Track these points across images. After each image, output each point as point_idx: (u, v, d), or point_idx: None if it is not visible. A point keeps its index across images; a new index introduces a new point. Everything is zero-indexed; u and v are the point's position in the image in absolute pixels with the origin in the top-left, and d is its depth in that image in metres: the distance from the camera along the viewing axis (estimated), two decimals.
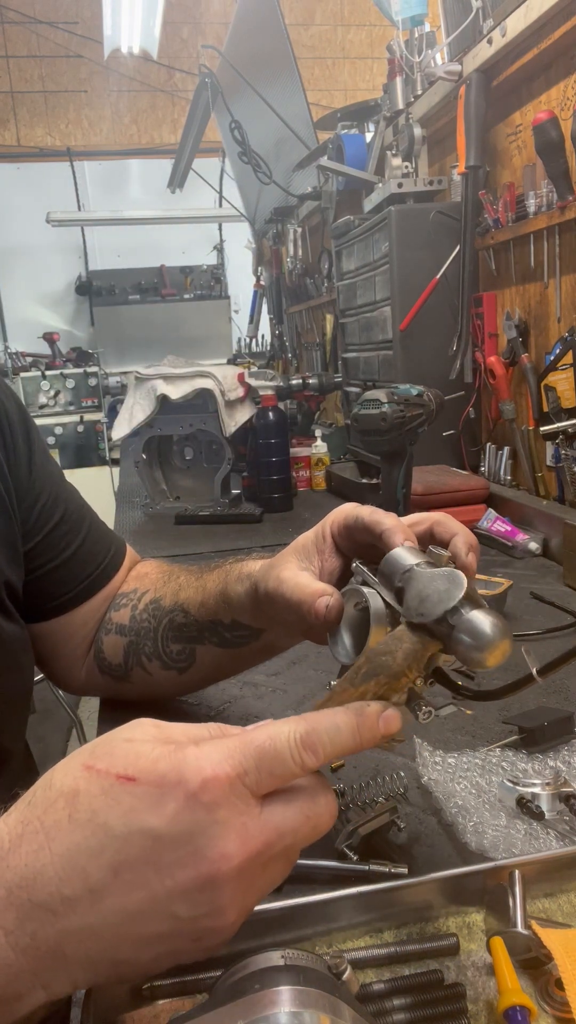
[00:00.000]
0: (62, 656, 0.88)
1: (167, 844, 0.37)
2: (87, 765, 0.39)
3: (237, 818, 0.38)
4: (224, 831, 0.37)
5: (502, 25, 1.54)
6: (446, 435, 1.91)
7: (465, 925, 0.53)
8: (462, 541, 0.57)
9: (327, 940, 0.51)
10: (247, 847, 0.38)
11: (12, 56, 6.34)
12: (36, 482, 0.82)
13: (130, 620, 0.85)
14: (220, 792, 0.37)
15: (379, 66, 5.07)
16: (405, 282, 1.87)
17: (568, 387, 1.49)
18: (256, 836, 0.38)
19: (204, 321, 6.42)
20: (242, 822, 0.38)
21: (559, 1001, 0.46)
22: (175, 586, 0.84)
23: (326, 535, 0.64)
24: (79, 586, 0.85)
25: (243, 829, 0.38)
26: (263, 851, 0.38)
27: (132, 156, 6.69)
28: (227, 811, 0.37)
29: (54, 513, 0.83)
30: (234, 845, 0.37)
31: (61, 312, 6.64)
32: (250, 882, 0.39)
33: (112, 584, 0.89)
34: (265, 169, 2.97)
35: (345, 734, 0.42)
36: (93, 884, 0.36)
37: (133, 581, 0.90)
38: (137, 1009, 0.47)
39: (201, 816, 0.37)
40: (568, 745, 0.79)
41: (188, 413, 2.04)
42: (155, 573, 0.90)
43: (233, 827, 0.37)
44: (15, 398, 0.84)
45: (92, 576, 0.86)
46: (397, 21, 1.93)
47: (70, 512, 0.86)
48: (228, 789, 0.37)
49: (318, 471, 2.28)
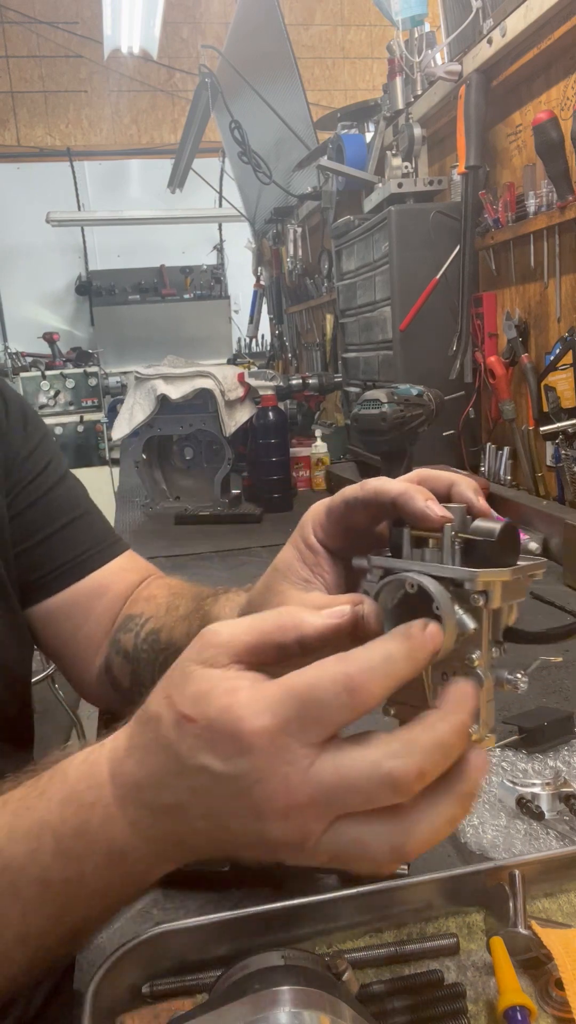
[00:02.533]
0: (71, 654, 0.87)
1: (221, 780, 0.40)
2: (167, 693, 0.42)
3: (279, 768, 0.39)
4: (265, 777, 0.39)
5: (502, 25, 1.54)
6: (446, 435, 1.91)
7: (465, 925, 0.53)
8: (465, 486, 0.49)
9: (327, 940, 0.51)
10: (290, 797, 0.39)
11: (12, 56, 6.34)
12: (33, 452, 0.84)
13: (132, 648, 0.82)
14: (258, 743, 0.39)
15: (379, 66, 5.06)
16: (405, 282, 1.87)
17: (568, 387, 1.49)
18: (299, 788, 0.39)
19: (204, 321, 6.42)
20: (284, 772, 0.39)
21: (559, 1001, 0.46)
22: (174, 618, 0.80)
23: (311, 544, 0.53)
24: (72, 560, 0.84)
25: (285, 779, 0.39)
26: (308, 804, 0.39)
27: (132, 156, 6.69)
28: (266, 761, 0.39)
29: (47, 482, 0.84)
30: (276, 792, 0.39)
31: (61, 312, 6.64)
32: (306, 831, 0.39)
33: (110, 572, 0.87)
34: (265, 169, 2.97)
35: (400, 661, 0.40)
36: (180, 799, 0.41)
37: (141, 603, 0.87)
38: (137, 1009, 0.47)
39: (242, 763, 0.39)
40: (568, 745, 0.79)
41: (188, 413, 2.04)
42: (162, 597, 0.86)
43: (275, 776, 0.39)
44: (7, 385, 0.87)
45: (87, 552, 0.85)
46: (397, 21, 1.93)
47: (66, 489, 0.86)
48: (267, 741, 0.39)
49: (318, 471, 2.28)
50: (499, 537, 0.44)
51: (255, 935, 0.49)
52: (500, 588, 0.43)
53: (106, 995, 0.45)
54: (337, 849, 0.40)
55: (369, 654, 0.39)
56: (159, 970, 0.48)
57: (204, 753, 0.40)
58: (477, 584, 0.42)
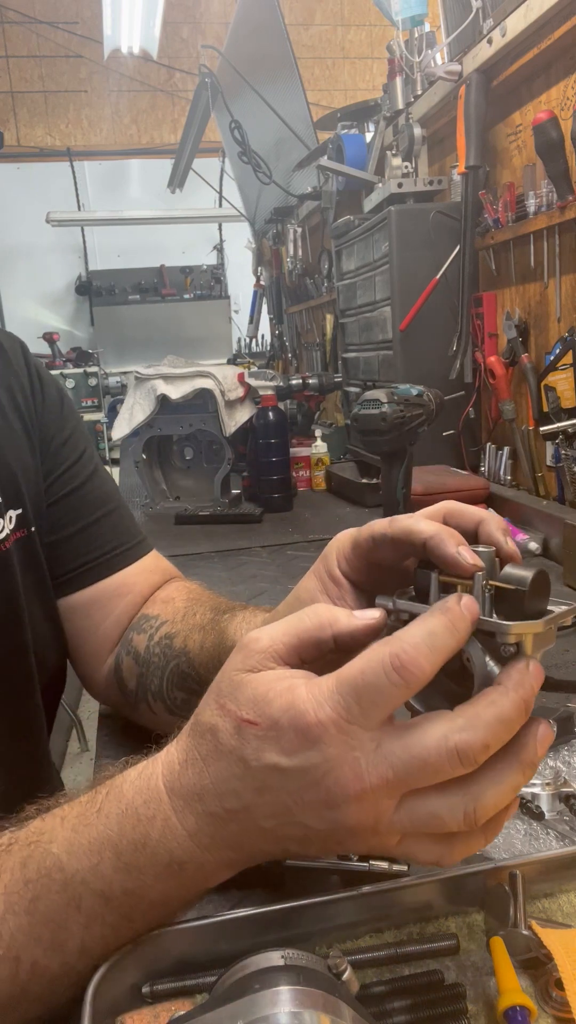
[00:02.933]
0: (86, 650, 0.87)
1: (291, 775, 0.41)
2: (220, 704, 0.44)
3: (348, 753, 0.40)
4: (336, 765, 0.40)
5: (502, 25, 1.54)
6: (446, 435, 1.91)
7: (465, 925, 0.53)
8: (495, 526, 0.48)
9: (327, 940, 0.51)
10: (362, 781, 0.40)
11: (12, 56, 6.35)
12: (66, 438, 0.84)
13: (144, 650, 0.80)
14: (325, 734, 0.40)
15: (379, 66, 5.07)
16: (405, 282, 1.87)
17: (568, 387, 1.49)
18: (369, 770, 0.40)
19: (204, 321, 6.42)
20: (354, 757, 0.40)
21: (559, 1001, 0.46)
22: (190, 625, 0.78)
23: (335, 576, 0.52)
24: (99, 557, 0.84)
25: (355, 763, 0.40)
26: (381, 785, 0.40)
27: (132, 156, 6.70)
28: (335, 749, 0.40)
29: (81, 474, 0.84)
30: (347, 777, 0.40)
31: (61, 312, 6.65)
32: (379, 810, 0.41)
33: (133, 572, 0.86)
34: (265, 169, 2.97)
35: (442, 633, 0.41)
36: (245, 802, 0.43)
37: (159, 604, 0.86)
38: (137, 1009, 0.47)
39: (313, 755, 0.41)
40: (568, 745, 0.79)
41: (188, 413, 2.04)
42: (180, 600, 0.85)
43: (345, 762, 0.40)
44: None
45: (114, 550, 0.85)
46: (397, 21, 1.93)
47: (99, 481, 0.86)
48: (334, 730, 0.40)
49: (318, 471, 2.28)
50: (531, 586, 0.43)
51: (255, 935, 0.49)
52: (532, 640, 0.43)
53: (106, 995, 0.45)
54: (410, 824, 0.42)
55: (412, 632, 0.41)
56: (159, 970, 0.48)
57: (271, 752, 0.42)
58: (509, 638, 0.43)
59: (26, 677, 0.80)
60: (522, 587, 0.43)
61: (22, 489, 0.79)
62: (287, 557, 1.58)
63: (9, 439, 0.79)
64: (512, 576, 0.44)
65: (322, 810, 0.42)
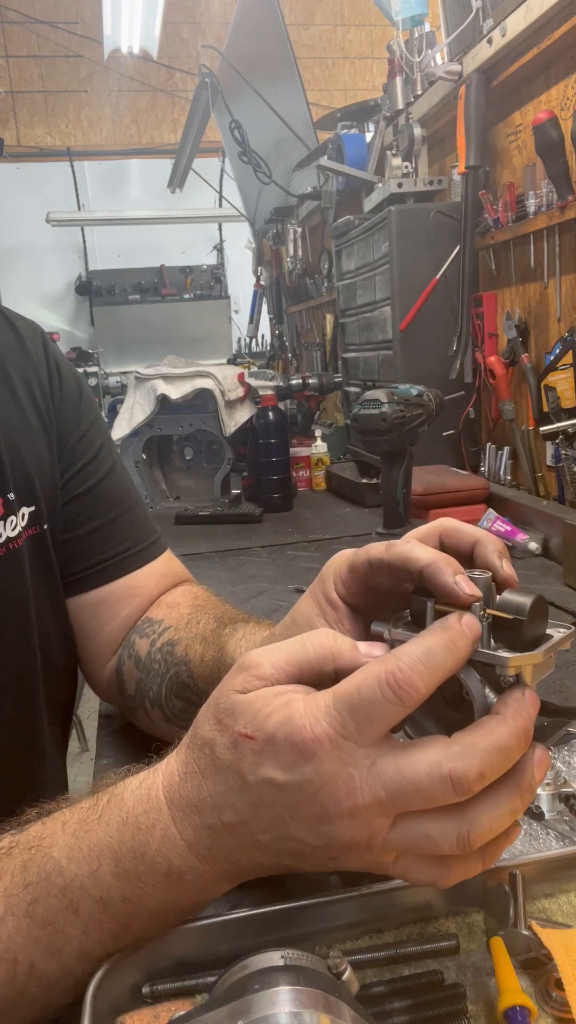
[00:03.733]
0: (92, 650, 0.86)
1: (287, 790, 0.41)
2: (217, 718, 0.44)
3: (342, 769, 0.40)
4: (330, 781, 0.41)
5: (502, 25, 1.54)
6: (446, 435, 1.91)
7: (465, 925, 0.53)
8: (491, 549, 0.47)
9: (327, 940, 0.51)
10: (355, 798, 0.40)
11: (12, 56, 6.35)
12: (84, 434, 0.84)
13: (145, 656, 0.79)
14: (320, 749, 0.40)
15: (379, 66, 5.07)
16: (405, 282, 1.87)
17: (568, 387, 1.49)
18: (363, 787, 0.40)
19: (204, 321, 6.42)
20: (348, 773, 0.40)
21: (559, 1001, 0.46)
22: (192, 633, 0.77)
23: (332, 599, 0.51)
24: (112, 558, 0.83)
25: (349, 779, 0.40)
26: (373, 803, 0.40)
27: (132, 156, 6.70)
28: (330, 764, 0.40)
29: (99, 470, 0.84)
30: (341, 793, 0.41)
31: (61, 312, 6.65)
32: (372, 828, 0.41)
33: (145, 575, 0.85)
34: (265, 169, 2.97)
35: (439, 652, 0.41)
36: (242, 816, 0.43)
37: (164, 608, 0.84)
38: (137, 1009, 0.47)
39: (307, 770, 0.41)
40: (568, 745, 0.79)
41: (188, 413, 2.04)
42: (185, 607, 0.83)
43: (339, 777, 0.40)
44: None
45: (128, 551, 0.84)
46: (397, 21, 1.93)
47: (117, 479, 0.85)
48: (329, 745, 0.40)
49: (318, 471, 2.28)
50: (529, 614, 0.43)
51: (255, 935, 0.49)
52: (532, 670, 0.43)
53: (106, 996, 0.45)
54: (404, 844, 0.42)
55: (409, 650, 0.41)
56: (159, 971, 0.48)
57: (266, 767, 0.42)
58: (509, 670, 0.42)
59: (31, 676, 0.80)
60: (520, 616, 0.43)
61: (36, 486, 0.78)
62: (287, 557, 1.58)
63: (25, 434, 0.78)
64: (510, 604, 0.43)
65: (316, 825, 0.42)
